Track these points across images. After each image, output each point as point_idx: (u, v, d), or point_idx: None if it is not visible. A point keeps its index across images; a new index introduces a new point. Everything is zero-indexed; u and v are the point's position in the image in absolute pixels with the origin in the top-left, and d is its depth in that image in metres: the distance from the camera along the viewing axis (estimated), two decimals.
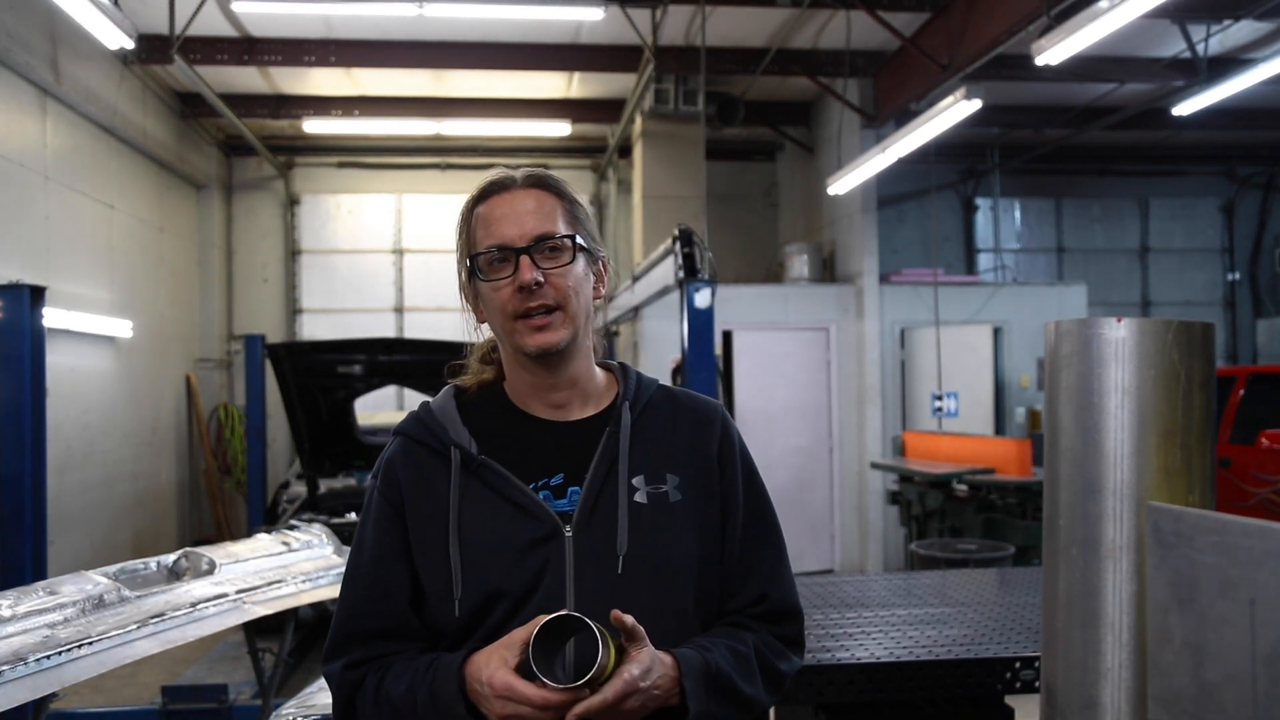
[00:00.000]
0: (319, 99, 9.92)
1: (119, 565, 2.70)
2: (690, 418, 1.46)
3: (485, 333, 1.49)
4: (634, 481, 1.36)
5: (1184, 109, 8.50)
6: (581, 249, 1.39)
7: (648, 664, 1.21)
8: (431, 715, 1.23)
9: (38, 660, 2.09)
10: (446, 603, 1.32)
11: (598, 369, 1.48)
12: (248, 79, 9.32)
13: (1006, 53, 7.17)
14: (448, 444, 1.38)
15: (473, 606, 1.31)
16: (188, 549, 2.93)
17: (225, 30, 8.10)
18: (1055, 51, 5.97)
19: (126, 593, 2.49)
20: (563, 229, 1.37)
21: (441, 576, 1.33)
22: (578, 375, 1.42)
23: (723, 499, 1.42)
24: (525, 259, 1.34)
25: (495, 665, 1.19)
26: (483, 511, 1.34)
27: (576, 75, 9.34)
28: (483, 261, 1.37)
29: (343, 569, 3.24)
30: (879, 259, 9.41)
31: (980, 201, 12.04)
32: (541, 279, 1.33)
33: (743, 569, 1.42)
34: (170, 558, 2.86)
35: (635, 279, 7.18)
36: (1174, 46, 8.25)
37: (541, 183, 1.41)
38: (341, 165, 11.58)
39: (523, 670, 1.18)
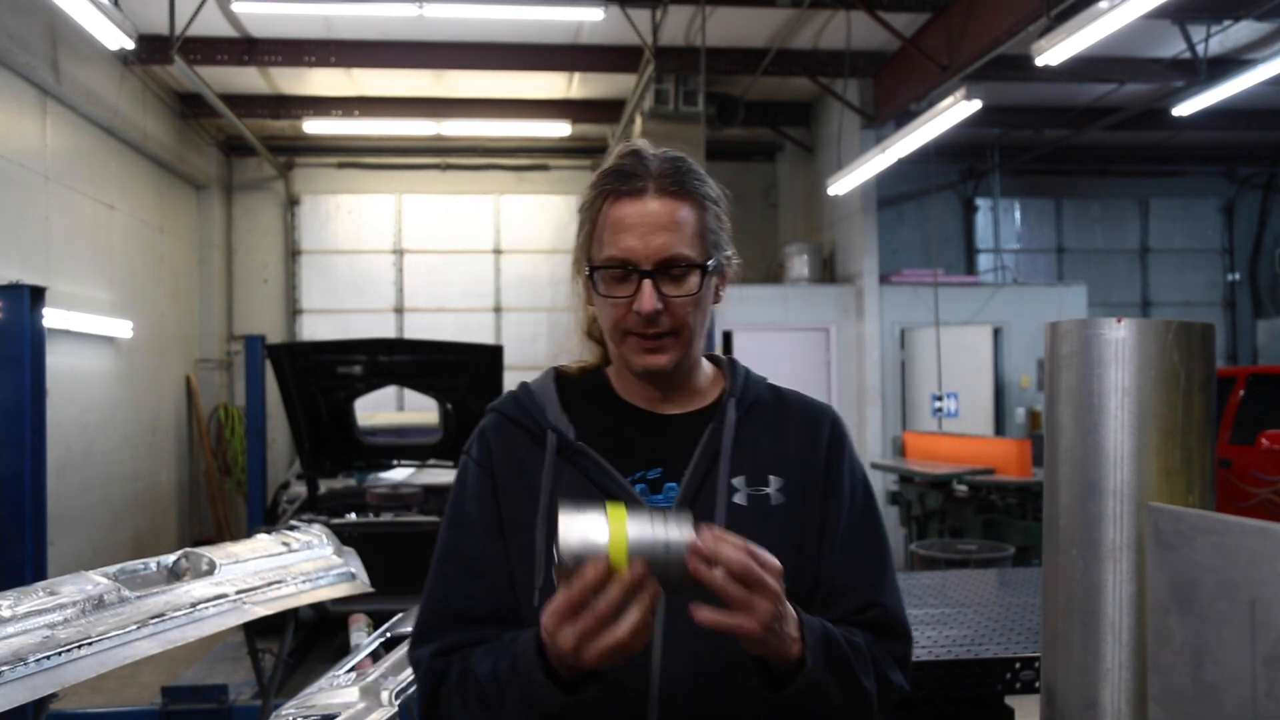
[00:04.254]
0: (319, 99, 9.92)
1: (119, 565, 2.70)
2: (799, 418, 1.38)
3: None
4: (734, 481, 1.30)
5: (1184, 109, 8.50)
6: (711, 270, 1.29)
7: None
8: (514, 689, 1.13)
9: (37, 661, 2.09)
10: (526, 591, 1.26)
11: (705, 362, 1.42)
12: (248, 79, 9.32)
13: (1006, 53, 7.17)
14: (544, 426, 1.33)
15: (553, 597, 1.25)
16: (187, 549, 2.92)
17: (225, 31, 8.11)
18: (1055, 52, 5.97)
19: (126, 593, 2.49)
20: (694, 252, 1.27)
21: (525, 562, 1.27)
22: (685, 380, 1.37)
23: (825, 503, 1.33)
24: (648, 284, 1.25)
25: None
26: (574, 500, 1.28)
27: (577, 76, 9.34)
28: (603, 274, 1.29)
29: (342, 570, 3.26)
30: (879, 259, 9.41)
31: (980, 202, 12.05)
32: (662, 307, 1.25)
33: (845, 578, 1.32)
34: (170, 558, 2.86)
35: None
36: (1174, 47, 8.25)
37: (679, 188, 1.29)
38: (341, 165, 11.58)
39: None
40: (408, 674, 2.33)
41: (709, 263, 1.29)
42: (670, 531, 1.02)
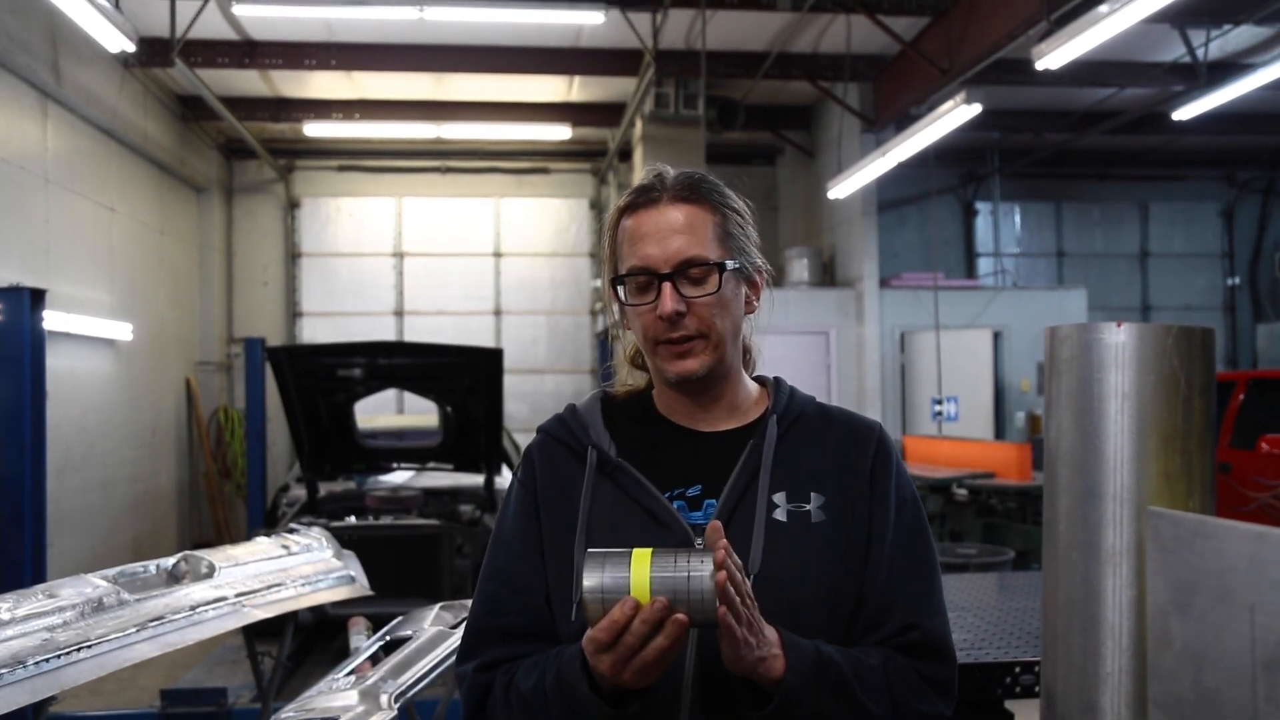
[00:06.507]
0: (319, 102, 9.93)
1: (118, 568, 2.69)
2: (843, 435, 1.37)
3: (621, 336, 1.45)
4: (775, 498, 1.29)
5: (1184, 113, 8.51)
6: (731, 270, 1.32)
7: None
8: (560, 702, 1.16)
9: (36, 663, 2.09)
10: (564, 606, 1.27)
11: (751, 382, 1.42)
12: (248, 82, 9.33)
13: (1006, 57, 7.18)
14: (586, 444, 1.35)
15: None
16: (187, 552, 2.92)
17: (226, 33, 8.12)
18: (1055, 56, 5.97)
19: (126, 596, 2.48)
20: (711, 253, 1.30)
21: (564, 578, 1.28)
22: (724, 392, 1.37)
23: (870, 521, 1.31)
24: (668, 286, 1.27)
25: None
26: (613, 515, 1.30)
27: (577, 79, 9.35)
28: (626, 284, 1.32)
29: (342, 573, 3.25)
30: (879, 263, 9.42)
31: (980, 206, 12.05)
32: (684, 309, 1.27)
33: (889, 597, 1.29)
34: (169, 561, 2.85)
35: None
36: (1174, 51, 8.26)
37: (693, 194, 1.33)
38: (342, 168, 11.59)
39: None
40: (407, 677, 2.33)
41: (727, 262, 1.31)
42: (692, 573, 1.06)
